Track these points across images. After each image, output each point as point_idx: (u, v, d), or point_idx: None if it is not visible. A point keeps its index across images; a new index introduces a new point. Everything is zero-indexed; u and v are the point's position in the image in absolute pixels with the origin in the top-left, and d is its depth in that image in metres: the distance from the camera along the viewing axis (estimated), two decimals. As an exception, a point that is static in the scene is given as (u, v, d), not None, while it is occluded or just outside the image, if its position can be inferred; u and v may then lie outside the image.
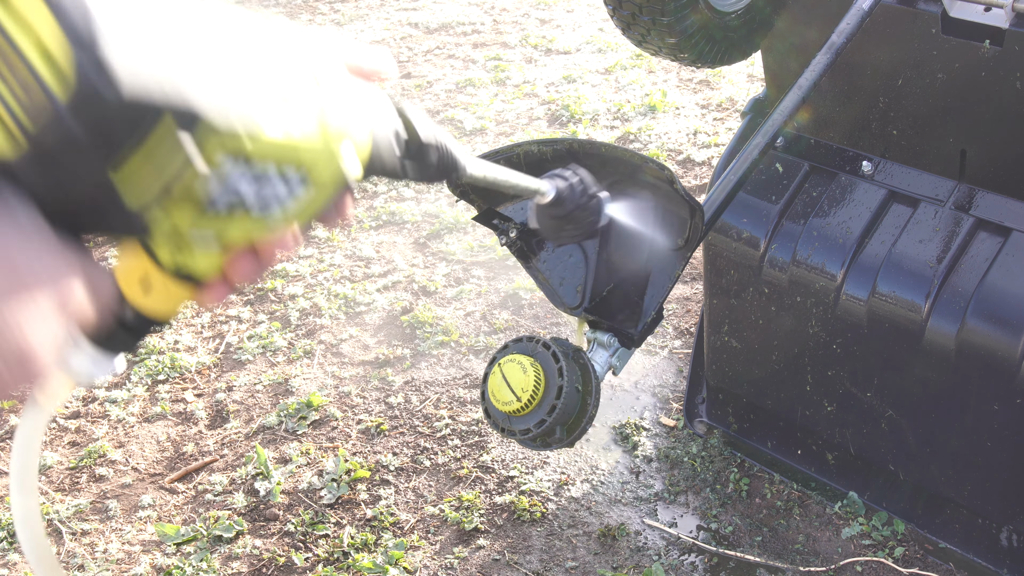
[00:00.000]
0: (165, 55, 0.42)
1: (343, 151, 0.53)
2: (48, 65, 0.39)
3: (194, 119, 0.44)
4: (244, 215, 0.50)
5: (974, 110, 1.82)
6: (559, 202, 0.80)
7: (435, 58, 4.84)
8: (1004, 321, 1.77)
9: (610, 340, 1.33)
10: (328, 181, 0.53)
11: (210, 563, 2.15)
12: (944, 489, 2.00)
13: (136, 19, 0.41)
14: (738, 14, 2.02)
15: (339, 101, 0.52)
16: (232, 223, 0.50)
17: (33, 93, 0.40)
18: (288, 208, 0.52)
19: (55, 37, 0.39)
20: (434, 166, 0.62)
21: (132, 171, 0.43)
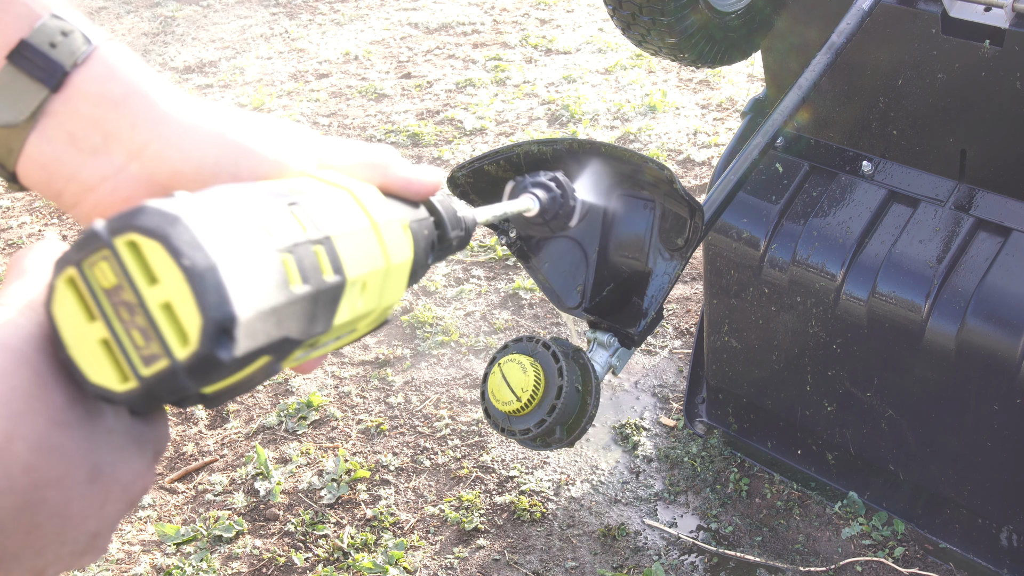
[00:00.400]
0: (280, 301, 0.44)
1: (389, 312, 0.56)
2: (173, 326, 0.41)
3: (288, 352, 0.46)
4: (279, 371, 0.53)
5: (974, 110, 1.82)
6: (541, 212, 0.84)
7: (435, 58, 4.84)
8: (1004, 321, 1.77)
9: (610, 340, 1.33)
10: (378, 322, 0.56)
11: (210, 563, 2.15)
12: (944, 489, 2.00)
13: (261, 270, 0.43)
14: (738, 14, 2.02)
15: (398, 257, 0.54)
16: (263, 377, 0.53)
17: (152, 343, 0.41)
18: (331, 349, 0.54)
19: (187, 304, 0.41)
20: (454, 247, 0.65)
21: (218, 388, 0.45)
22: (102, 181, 0.52)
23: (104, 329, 0.42)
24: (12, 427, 0.41)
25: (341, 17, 5.49)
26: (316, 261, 0.47)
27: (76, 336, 0.43)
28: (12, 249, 3.50)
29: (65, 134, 0.52)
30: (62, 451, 0.42)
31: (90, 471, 0.44)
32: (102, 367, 0.42)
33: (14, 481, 0.41)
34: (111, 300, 0.42)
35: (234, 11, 5.68)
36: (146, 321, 0.41)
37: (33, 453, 0.41)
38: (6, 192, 3.90)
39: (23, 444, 0.41)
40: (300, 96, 4.51)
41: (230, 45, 5.20)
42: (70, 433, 0.43)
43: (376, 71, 4.74)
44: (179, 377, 0.42)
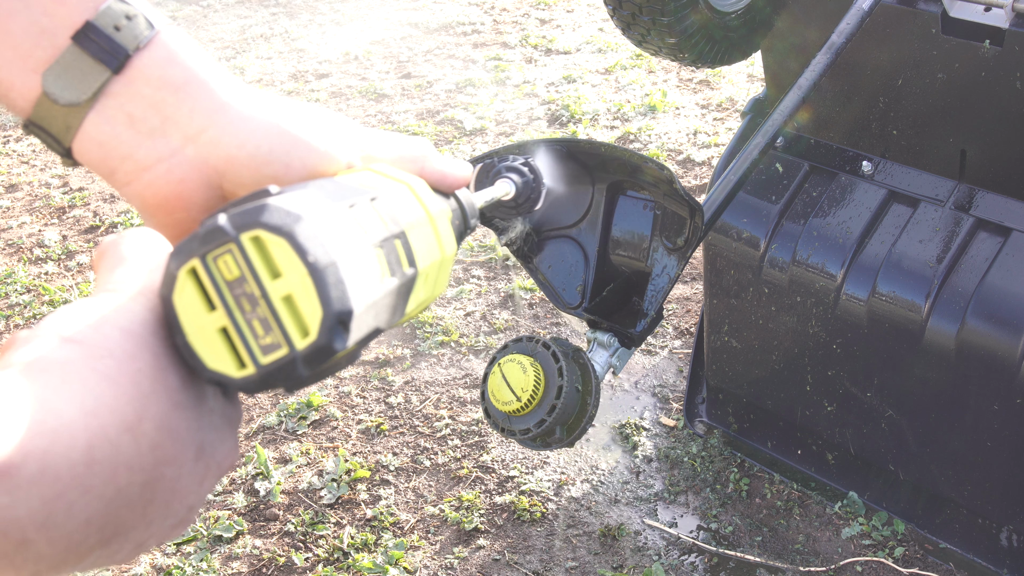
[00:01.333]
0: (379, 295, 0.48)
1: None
2: (294, 318, 0.44)
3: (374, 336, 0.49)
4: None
5: (974, 110, 1.82)
6: (515, 197, 0.86)
7: (435, 58, 4.84)
8: (1004, 321, 1.77)
9: (610, 340, 1.33)
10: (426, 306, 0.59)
11: (210, 563, 2.15)
12: (944, 489, 2.00)
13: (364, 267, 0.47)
14: (738, 14, 2.02)
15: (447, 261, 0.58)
16: None
17: (273, 333, 0.45)
18: None
19: (309, 298, 0.44)
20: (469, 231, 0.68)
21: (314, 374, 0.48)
22: (157, 162, 0.54)
23: (225, 318, 0.45)
24: (143, 407, 0.43)
25: (341, 17, 5.49)
26: (398, 255, 0.51)
27: (195, 324, 0.45)
28: (12, 249, 3.50)
29: (125, 115, 0.54)
30: (179, 431, 0.45)
31: (197, 449, 0.47)
32: (220, 355, 0.45)
33: (144, 459, 0.43)
34: (233, 292, 0.44)
35: (234, 11, 5.68)
36: (268, 312, 0.44)
37: (158, 432, 0.44)
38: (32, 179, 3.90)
39: (151, 424, 0.44)
40: (300, 96, 4.51)
41: (230, 45, 5.20)
42: (185, 414, 0.46)
43: (376, 71, 4.74)
44: (297, 366, 0.44)
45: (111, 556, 0.45)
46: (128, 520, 0.44)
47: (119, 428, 0.42)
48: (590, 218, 1.41)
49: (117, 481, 0.42)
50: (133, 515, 0.44)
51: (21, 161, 4.16)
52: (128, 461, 0.43)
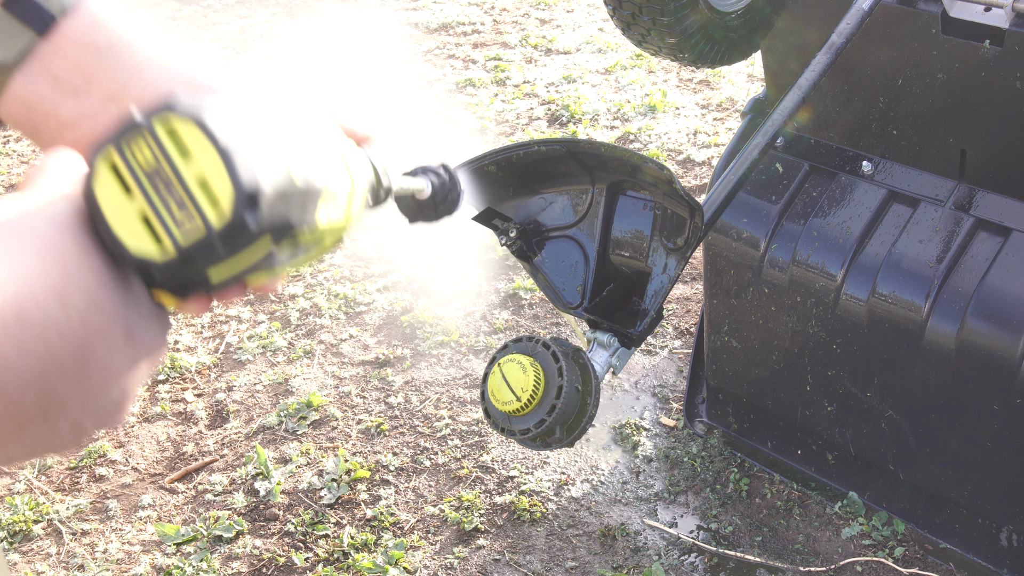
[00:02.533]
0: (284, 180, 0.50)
1: (352, 223, 0.62)
2: (208, 197, 0.47)
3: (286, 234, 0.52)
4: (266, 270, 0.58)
5: (974, 110, 1.82)
6: (431, 196, 0.89)
7: (435, 58, 4.84)
8: (1004, 321, 1.77)
9: (610, 340, 1.33)
10: (335, 243, 0.62)
11: (210, 563, 2.15)
12: (944, 489, 2.00)
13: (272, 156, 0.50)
14: (738, 14, 2.02)
15: (358, 192, 0.61)
16: (252, 277, 0.58)
17: (189, 214, 0.47)
18: (297, 261, 0.61)
19: (220, 177, 0.47)
20: (382, 199, 0.71)
21: (225, 275, 0.51)
22: (80, 120, 0.57)
23: (144, 203, 0.47)
24: (69, 279, 0.46)
25: (341, 17, 5.48)
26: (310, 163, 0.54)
27: (117, 212, 0.48)
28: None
29: (49, 76, 0.57)
30: (106, 307, 0.48)
31: (125, 330, 0.50)
32: (142, 238, 0.48)
33: (74, 326, 0.46)
34: (149, 177, 0.47)
35: (234, 11, 5.68)
36: (184, 195, 0.47)
37: (86, 304, 0.47)
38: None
39: (78, 295, 0.47)
40: (300, 96, 4.51)
41: (230, 45, 5.20)
42: (111, 294, 0.49)
43: (376, 71, 4.74)
44: (214, 243, 0.47)
45: (51, 435, 0.48)
46: (63, 390, 0.47)
47: (47, 293, 0.45)
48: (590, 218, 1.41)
49: (49, 344, 0.45)
50: (67, 385, 0.47)
51: (21, 161, 4.17)
52: (58, 326, 0.46)
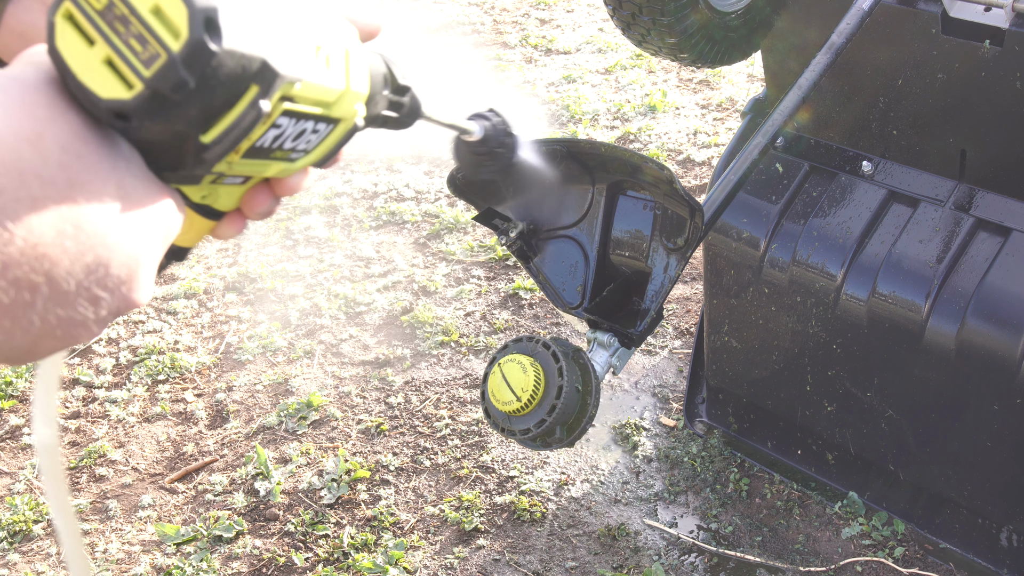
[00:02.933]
0: (251, 16, 0.51)
1: (358, 97, 0.61)
2: (165, 25, 0.47)
3: (271, 82, 0.51)
4: (280, 157, 0.58)
5: (974, 110, 1.82)
6: (484, 141, 0.88)
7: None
8: (1004, 321, 1.77)
9: (610, 340, 1.33)
10: (345, 125, 0.62)
11: (210, 563, 2.15)
12: (944, 489, 2.00)
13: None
14: (738, 14, 2.02)
15: (356, 56, 0.61)
16: (268, 166, 0.58)
17: (149, 45, 0.47)
18: (311, 148, 0.61)
19: (173, 2, 0.47)
20: (407, 107, 0.70)
21: (216, 132, 0.51)
22: None
23: (106, 47, 0.47)
24: (40, 127, 0.46)
25: (341, 17, 5.49)
26: (288, 6, 0.54)
27: (82, 63, 0.48)
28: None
29: (40, 4, 0.58)
30: (88, 159, 0.48)
31: (118, 189, 0.49)
32: (110, 83, 0.48)
33: (52, 172, 0.46)
34: (106, 19, 0.47)
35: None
36: (141, 27, 0.47)
37: (63, 153, 0.47)
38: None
39: (52, 143, 0.46)
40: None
41: (230, 45, 5.20)
42: (92, 147, 0.48)
43: (376, 71, 4.74)
44: (177, 68, 0.47)
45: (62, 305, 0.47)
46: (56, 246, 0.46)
47: (18, 139, 0.45)
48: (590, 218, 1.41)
49: (29, 189, 0.45)
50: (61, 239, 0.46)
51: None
52: (35, 170, 0.45)
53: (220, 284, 3.15)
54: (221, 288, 3.13)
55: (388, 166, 3.80)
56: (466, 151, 0.91)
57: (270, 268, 3.20)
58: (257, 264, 3.22)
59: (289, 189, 0.63)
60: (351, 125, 0.62)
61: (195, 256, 3.30)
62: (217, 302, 3.07)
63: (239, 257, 3.29)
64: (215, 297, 3.09)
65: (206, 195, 0.61)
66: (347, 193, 3.62)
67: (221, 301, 3.07)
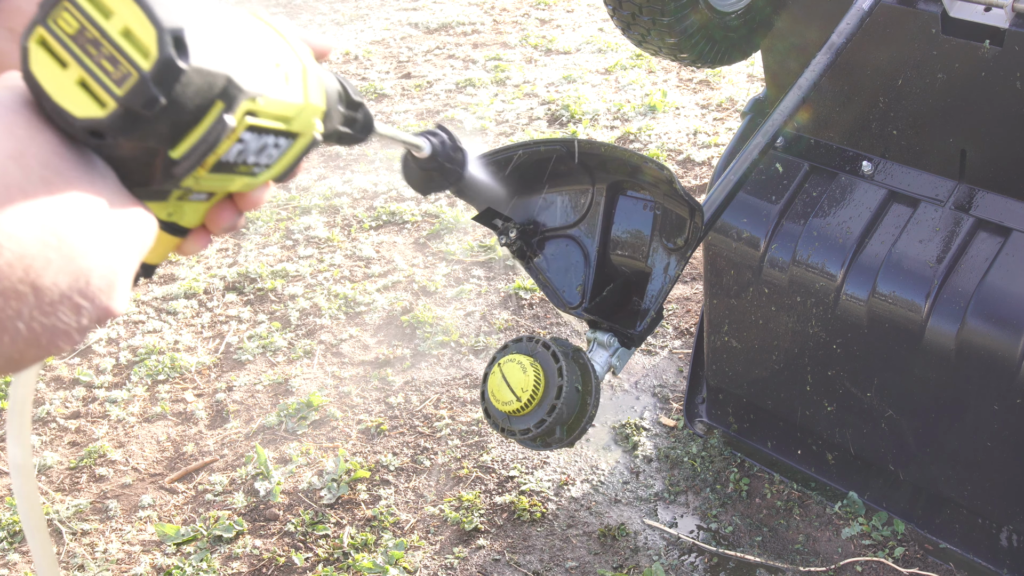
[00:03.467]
0: (215, 35, 0.53)
1: (316, 111, 0.63)
2: (135, 45, 0.49)
3: (235, 97, 0.53)
4: (244, 171, 0.60)
5: (974, 110, 1.82)
6: (433, 157, 0.90)
7: (435, 58, 4.84)
8: (1004, 321, 1.77)
9: (610, 340, 1.33)
10: (305, 140, 0.63)
11: (210, 563, 2.15)
12: (944, 489, 2.00)
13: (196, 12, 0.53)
14: (738, 14, 2.02)
15: (312, 72, 0.63)
16: (232, 180, 0.60)
17: (120, 65, 0.49)
18: (273, 163, 0.62)
19: (142, 23, 0.49)
20: (360, 123, 0.72)
21: (185, 147, 0.53)
22: None
23: (78, 69, 0.50)
24: (21, 145, 0.49)
25: (341, 17, 5.48)
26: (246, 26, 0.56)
27: (56, 85, 0.50)
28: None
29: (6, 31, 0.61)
30: (67, 175, 0.50)
31: (96, 201, 0.51)
32: (84, 103, 0.50)
33: (35, 188, 0.48)
34: (78, 43, 0.50)
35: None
36: (111, 48, 0.49)
37: (44, 169, 0.49)
38: None
39: (34, 160, 0.49)
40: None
41: (230, 45, 5.20)
42: (71, 164, 0.50)
43: (376, 71, 4.74)
44: (148, 85, 0.49)
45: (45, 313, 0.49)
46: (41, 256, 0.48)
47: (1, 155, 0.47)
48: (590, 218, 1.41)
49: (14, 203, 0.47)
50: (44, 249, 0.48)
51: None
52: (19, 185, 0.47)
53: (220, 284, 3.15)
54: (221, 288, 3.13)
55: (388, 166, 3.80)
56: (415, 167, 0.93)
57: (270, 268, 3.20)
58: (257, 264, 3.23)
59: (252, 203, 0.65)
60: (310, 139, 0.64)
61: (195, 256, 3.30)
62: (217, 302, 3.07)
63: (239, 257, 3.29)
64: (215, 297, 3.09)
65: (172, 212, 0.63)
66: (347, 193, 3.62)
67: (221, 301, 3.07)
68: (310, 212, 3.51)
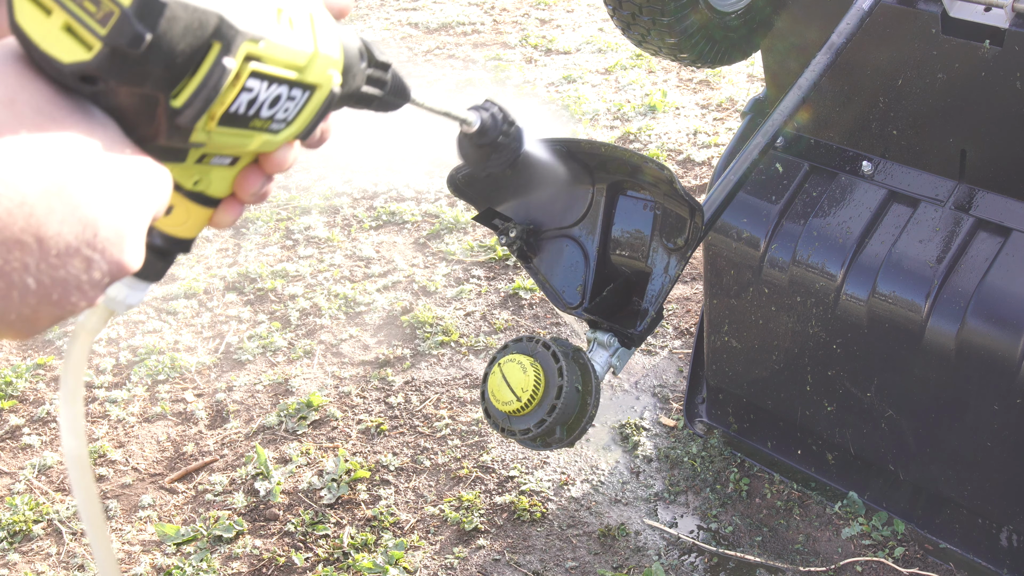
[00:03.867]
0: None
1: (330, 62, 0.62)
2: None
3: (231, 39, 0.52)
4: (260, 127, 0.59)
5: (974, 110, 1.82)
6: (483, 131, 0.87)
7: (435, 58, 4.84)
8: (1004, 321, 1.77)
9: (610, 340, 1.33)
10: (322, 93, 0.62)
11: (210, 563, 2.15)
12: (944, 489, 2.00)
13: None
14: (738, 14, 2.02)
15: (323, 21, 0.61)
16: (249, 137, 0.59)
17: (103, 4, 0.49)
18: (291, 118, 0.61)
19: None
20: (389, 84, 0.70)
21: (186, 95, 0.52)
22: None
23: (63, 14, 0.49)
24: (12, 92, 0.48)
25: (341, 17, 5.48)
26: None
27: (42, 32, 0.49)
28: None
29: None
30: (63, 123, 0.49)
31: (96, 150, 0.50)
32: (70, 47, 0.49)
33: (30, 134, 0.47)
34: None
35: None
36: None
37: (37, 115, 0.48)
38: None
39: (26, 106, 0.48)
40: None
41: (230, 45, 5.20)
42: (66, 112, 0.49)
43: (376, 71, 4.73)
44: (131, 21, 0.48)
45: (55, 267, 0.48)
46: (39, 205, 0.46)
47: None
48: (590, 218, 1.41)
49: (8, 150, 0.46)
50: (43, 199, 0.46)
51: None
52: (12, 129, 0.46)
53: (220, 284, 3.15)
54: (221, 288, 3.13)
55: (388, 166, 3.80)
56: (469, 145, 0.90)
57: (270, 268, 3.20)
58: (257, 264, 3.23)
59: (277, 165, 0.63)
60: (328, 92, 0.63)
61: (195, 256, 3.30)
62: (217, 302, 3.07)
63: (239, 257, 3.29)
64: (215, 297, 3.09)
65: (198, 180, 0.62)
66: (347, 193, 3.62)
67: (221, 301, 3.07)
68: (310, 212, 3.51)
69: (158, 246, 0.65)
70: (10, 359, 2.87)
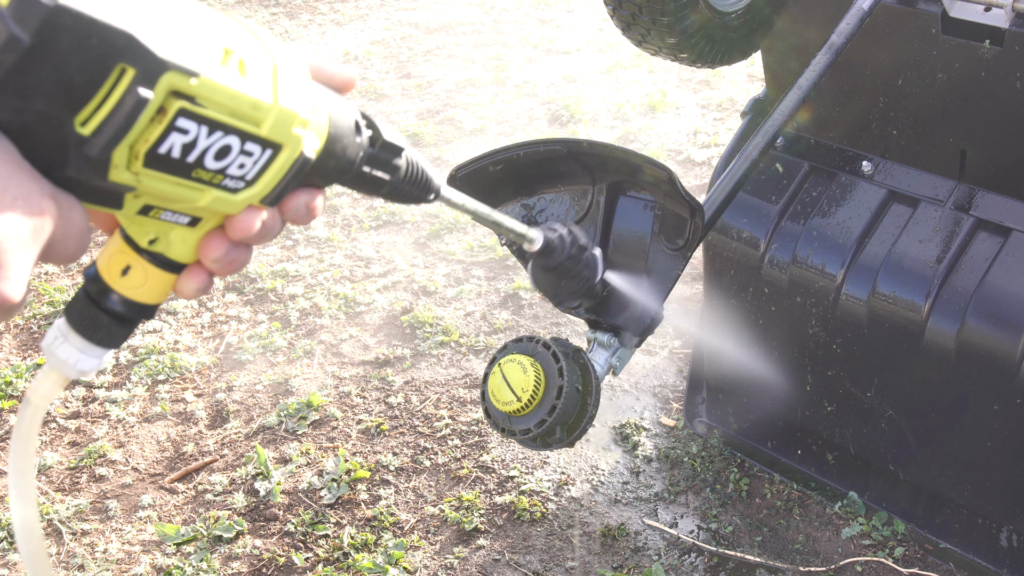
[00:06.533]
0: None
1: (296, 120, 0.56)
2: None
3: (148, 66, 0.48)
4: (208, 179, 0.54)
5: (974, 110, 1.82)
6: (548, 251, 0.79)
7: (435, 58, 4.84)
8: (1004, 321, 1.77)
9: (610, 340, 1.33)
10: (289, 154, 0.56)
11: (210, 563, 2.15)
12: (944, 489, 2.00)
13: None
14: (738, 14, 2.02)
15: (291, 75, 0.56)
16: (196, 190, 0.54)
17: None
18: (250, 177, 0.56)
19: None
20: (404, 172, 0.64)
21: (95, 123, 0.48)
22: None
23: None
24: None
25: (341, 17, 5.48)
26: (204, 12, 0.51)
27: None
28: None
29: None
30: None
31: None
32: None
33: None
34: None
35: (234, 11, 5.68)
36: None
37: None
38: None
39: None
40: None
41: (230, 45, 5.19)
42: None
43: (376, 71, 4.74)
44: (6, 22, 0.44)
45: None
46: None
47: None
48: (590, 218, 1.41)
49: None
50: None
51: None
52: None
53: (220, 284, 3.15)
54: (221, 288, 3.13)
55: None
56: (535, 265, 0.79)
57: (270, 268, 3.20)
58: (257, 264, 3.23)
59: (241, 230, 0.58)
60: (296, 154, 0.57)
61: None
62: (217, 302, 3.07)
63: (239, 257, 3.29)
64: (215, 297, 3.09)
65: (155, 239, 0.58)
66: (347, 193, 3.62)
67: (221, 301, 3.07)
68: (310, 212, 3.51)
69: (116, 311, 0.60)
70: (10, 359, 2.87)
